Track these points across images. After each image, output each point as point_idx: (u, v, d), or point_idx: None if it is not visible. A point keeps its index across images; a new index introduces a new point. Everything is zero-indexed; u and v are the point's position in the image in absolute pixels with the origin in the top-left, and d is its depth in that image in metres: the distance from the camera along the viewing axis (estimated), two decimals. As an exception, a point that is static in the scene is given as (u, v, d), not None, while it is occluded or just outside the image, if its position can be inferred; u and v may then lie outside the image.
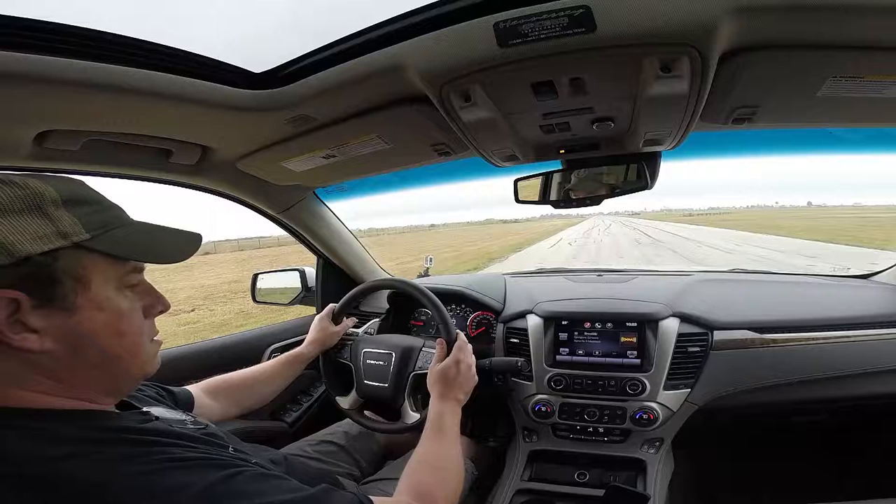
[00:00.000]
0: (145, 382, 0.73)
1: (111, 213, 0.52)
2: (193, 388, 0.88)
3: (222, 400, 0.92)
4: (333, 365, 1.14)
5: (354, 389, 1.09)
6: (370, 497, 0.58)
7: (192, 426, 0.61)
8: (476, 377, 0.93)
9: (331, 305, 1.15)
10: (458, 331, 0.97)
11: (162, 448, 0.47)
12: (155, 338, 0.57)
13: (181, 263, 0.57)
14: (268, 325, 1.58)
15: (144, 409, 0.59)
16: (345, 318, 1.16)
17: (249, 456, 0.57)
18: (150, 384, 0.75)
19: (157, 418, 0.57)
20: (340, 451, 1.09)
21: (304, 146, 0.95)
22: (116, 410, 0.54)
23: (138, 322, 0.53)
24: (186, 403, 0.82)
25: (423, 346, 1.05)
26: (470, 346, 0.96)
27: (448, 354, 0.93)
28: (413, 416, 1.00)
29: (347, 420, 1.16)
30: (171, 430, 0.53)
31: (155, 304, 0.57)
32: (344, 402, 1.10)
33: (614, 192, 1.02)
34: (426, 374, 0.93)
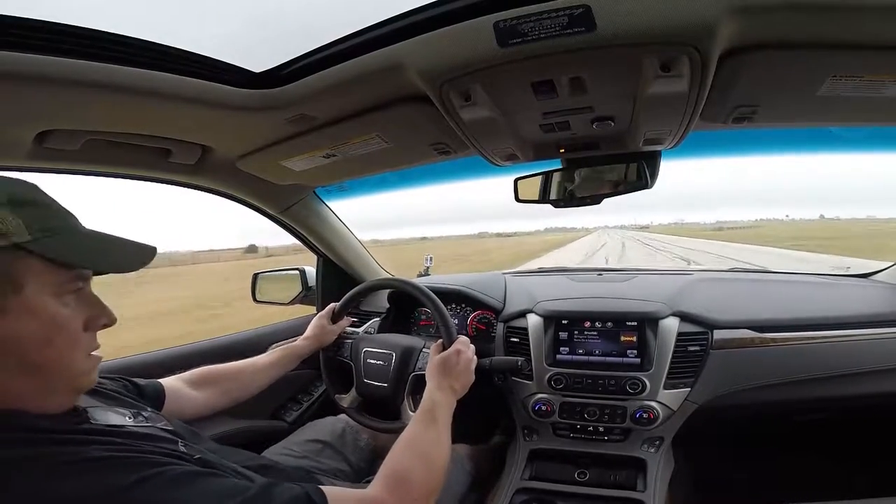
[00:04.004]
0: (110, 376, 0.70)
1: (60, 219, 0.50)
2: (174, 379, 0.85)
3: (209, 390, 0.89)
4: (333, 363, 1.14)
5: (354, 388, 1.10)
6: (321, 488, 0.56)
7: (132, 423, 0.57)
8: (474, 375, 0.92)
9: (332, 304, 1.15)
10: (459, 336, 0.96)
11: (74, 449, 0.45)
12: (94, 353, 0.54)
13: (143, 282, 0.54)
14: (268, 325, 1.58)
15: (86, 407, 0.55)
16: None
17: (195, 453, 0.55)
18: (117, 377, 0.72)
19: (90, 418, 0.53)
20: (327, 448, 1.07)
21: (304, 145, 0.95)
22: (39, 413, 0.50)
23: (74, 333, 0.50)
24: (155, 396, 0.77)
25: (424, 346, 1.05)
26: (472, 346, 0.96)
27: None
28: (412, 417, 1.00)
29: (332, 417, 1.16)
30: (98, 430, 0.51)
31: (99, 316, 0.53)
32: (343, 400, 1.11)
33: (614, 191, 1.02)
34: (425, 374, 0.93)
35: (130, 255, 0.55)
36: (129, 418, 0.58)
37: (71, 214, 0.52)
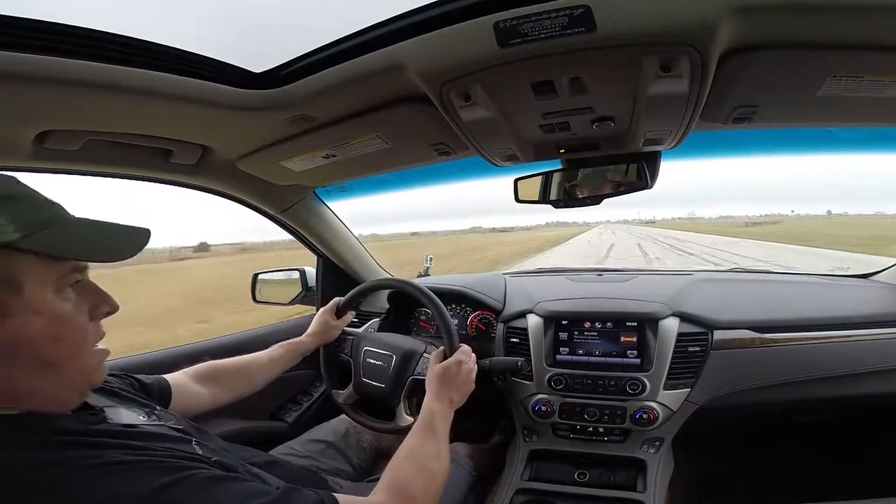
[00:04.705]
0: (116, 373, 0.70)
1: (46, 211, 0.48)
2: (180, 375, 0.85)
3: (214, 386, 0.89)
4: (333, 359, 1.15)
5: (351, 385, 1.10)
6: (334, 495, 0.56)
7: (146, 423, 0.57)
8: (474, 385, 0.92)
9: (336, 299, 1.15)
10: (461, 345, 0.96)
11: (100, 451, 0.45)
12: (99, 345, 0.53)
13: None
14: (269, 325, 1.58)
15: (102, 407, 0.55)
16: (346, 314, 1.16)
17: (211, 454, 0.55)
18: (122, 374, 0.72)
19: (106, 418, 0.53)
20: (329, 448, 1.08)
21: (305, 146, 0.95)
22: (60, 413, 0.50)
23: (81, 326, 0.50)
24: (162, 393, 0.77)
25: (425, 350, 1.06)
26: (474, 356, 0.95)
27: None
28: (407, 420, 1.00)
29: (336, 418, 1.17)
30: (117, 431, 0.51)
31: (101, 304, 0.53)
32: (339, 395, 1.11)
33: (614, 191, 1.02)
34: (424, 379, 0.92)
35: (125, 241, 0.53)
36: (143, 417, 0.58)
37: (56, 204, 0.50)
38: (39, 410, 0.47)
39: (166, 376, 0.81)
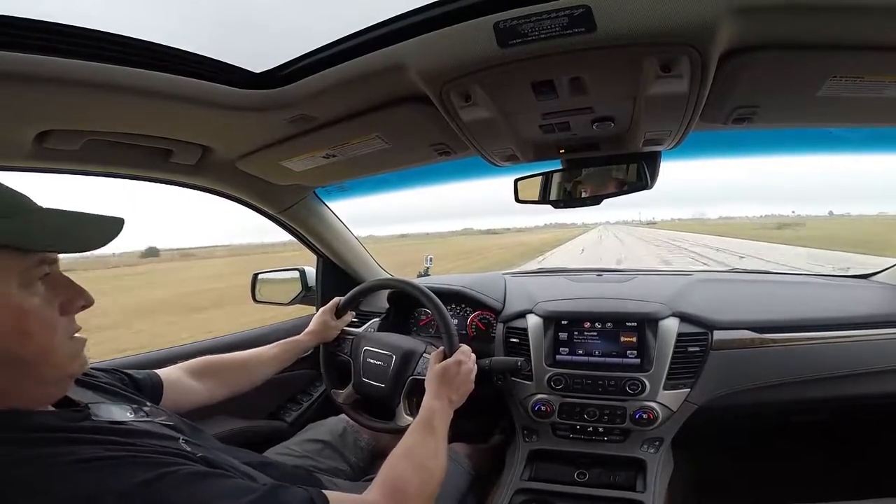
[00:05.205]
0: (106, 369, 0.70)
1: (9, 201, 0.46)
2: (174, 369, 0.85)
3: (210, 381, 0.88)
4: (332, 358, 1.15)
5: (351, 384, 1.10)
6: (324, 492, 0.55)
7: (133, 419, 0.56)
8: (473, 385, 0.92)
9: (336, 299, 1.15)
10: (461, 345, 0.96)
11: (78, 447, 0.44)
12: (77, 334, 0.52)
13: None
14: (270, 325, 1.58)
15: (87, 403, 0.54)
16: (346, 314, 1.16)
17: (198, 451, 0.54)
18: (112, 370, 0.71)
19: (91, 415, 0.52)
20: (326, 447, 1.09)
21: (305, 146, 0.95)
22: (42, 409, 0.49)
23: (49, 320, 0.48)
24: (153, 389, 0.76)
25: (425, 350, 1.06)
26: (474, 356, 0.95)
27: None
28: (406, 420, 1.00)
29: (334, 417, 1.18)
30: (101, 427, 0.50)
31: (75, 298, 0.51)
32: (339, 395, 1.12)
33: (614, 191, 1.02)
34: (424, 379, 0.92)
35: (95, 231, 0.51)
36: (131, 413, 0.57)
37: (21, 194, 0.48)
38: (14, 407, 0.46)
39: (159, 371, 0.81)
